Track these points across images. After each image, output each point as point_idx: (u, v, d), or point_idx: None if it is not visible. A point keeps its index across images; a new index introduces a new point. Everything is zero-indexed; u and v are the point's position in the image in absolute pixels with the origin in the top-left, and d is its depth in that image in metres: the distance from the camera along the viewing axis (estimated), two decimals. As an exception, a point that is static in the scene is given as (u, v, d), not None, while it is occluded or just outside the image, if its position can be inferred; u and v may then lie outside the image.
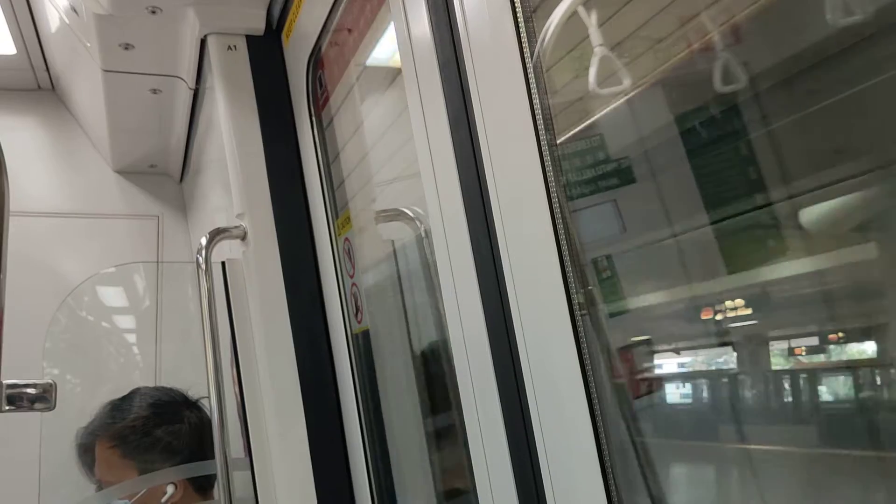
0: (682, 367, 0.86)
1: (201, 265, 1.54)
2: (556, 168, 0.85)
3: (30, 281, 2.22)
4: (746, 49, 0.74)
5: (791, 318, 0.75)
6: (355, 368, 1.50)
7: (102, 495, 1.79)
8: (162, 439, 1.79)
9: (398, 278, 1.50)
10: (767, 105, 0.73)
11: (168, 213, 2.80)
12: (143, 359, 2.36)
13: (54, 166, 2.71)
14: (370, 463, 1.46)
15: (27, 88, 2.72)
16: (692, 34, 0.78)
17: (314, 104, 1.62)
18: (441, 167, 1.04)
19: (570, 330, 0.82)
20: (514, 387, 0.92)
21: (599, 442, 0.81)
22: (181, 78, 2.00)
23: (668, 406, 0.88)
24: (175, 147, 2.51)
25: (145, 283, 2.51)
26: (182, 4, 1.65)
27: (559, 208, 0.84)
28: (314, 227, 1.63)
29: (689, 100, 0.81)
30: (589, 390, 0.81)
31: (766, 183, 0.73)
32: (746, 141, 0.75)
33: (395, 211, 1.41)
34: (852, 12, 0.61)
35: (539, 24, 0.88)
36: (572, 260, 0.83)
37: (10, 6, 2.21)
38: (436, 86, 1.03)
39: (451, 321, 1.04)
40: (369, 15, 1.35)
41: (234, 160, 1.62)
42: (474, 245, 0.98)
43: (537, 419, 0.88)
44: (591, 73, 0.87)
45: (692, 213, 0.81)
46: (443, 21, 1.01)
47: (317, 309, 1.60)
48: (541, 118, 0.86)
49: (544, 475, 0.88)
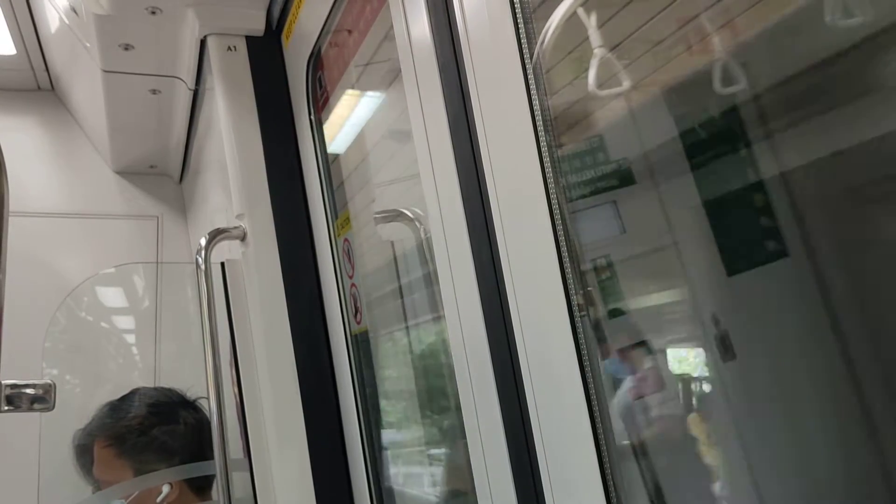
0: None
1: (201, 266, 1.54)
2: (555, 169, 0.85)
3: (29, 281, 2.22)
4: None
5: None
6: (354, 369, 1.50)
7: (100, 496, 1.79)
8: (158, 439, 1.79)
9: (397, 279, 1.50)
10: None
11: (167, 214, 2.79)
12: (142, 359, 2.36)
13: (54, 167, 2.70)
14: (369, 464, 1.46)
15: (27, 89, 2.72)
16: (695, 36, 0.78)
17: (314, 105, 1.62)
18: (441, 168, 1.04)
19: (570, 330, 0.82)
20: (513, 387, 0.92)
21: (598, 442, 0.81)
22: (181, 78, 2.00)
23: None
24: (175, 147, 2.51)
25: (145, 283, 2.51)
26: (182, 5, 1.65)
27: (559, 209, 0.84)
28: (313, 228, 1.63)
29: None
30: (588, 390, 0.81)
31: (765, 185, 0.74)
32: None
33: (394, 212, 1.41)
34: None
35: (539, 26, 0.88)
36: (571, 261, 0.83)
37: (10, 6, 2.21)
38: (435, 87, 1.03)
39: (451, 321, 1.04)
40: (369, 16, 1.35)
41: (233, 161, 1.62)
42: (474, 246, 0.98)
43: (536, 420, 0.88)
44: (591, 74, 0.87)
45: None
46: (442, 22, 1.01)
47: (316, 310, 1.60)
48: (540, 120, 0.86)
49: (543, 476, 0.88)
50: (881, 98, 0.62)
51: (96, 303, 2.37)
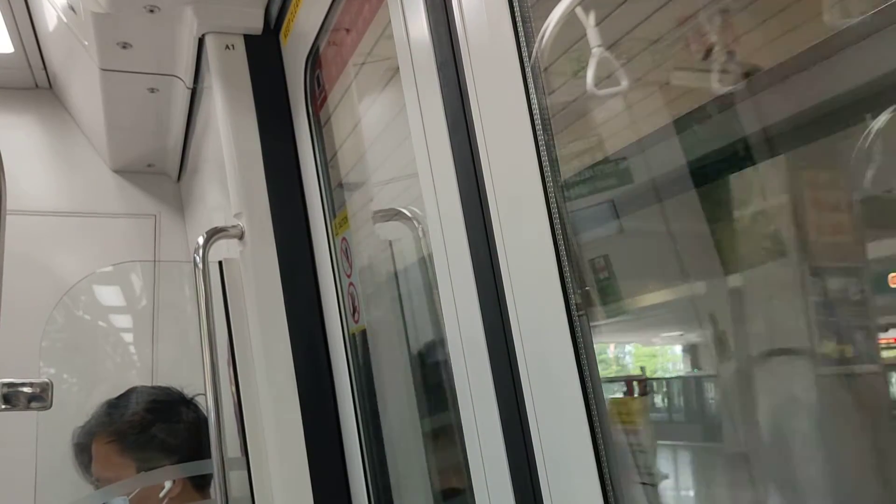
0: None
1: (198, 264, 1.54)
2: (553, 168, 0.85)
3: (27, 280, 2.21)
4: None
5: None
6: (352, 368, 1.50)
7: (99, 494, 1.79)
8: (158, 437, 1.80)
9: (395, 278, 1.50)
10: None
11: (165, 213, 2.79)
12: (139, 358, 2.36)
13: (51, 165, 2.70)
14: (366, 462, 1.46)
15: (24, 87, 2.71)
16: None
17: (312, 103, 1.62)
18: (439, 167, 1.04)
19: (568, 330, 0.82)
20: (510, 386, 0.92)
21: (596, 441, 0.81)
22: (179, 77, 2.00)
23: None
24: (172, 146, 2.51)
25: (142, 282, 2.50)
26: (180, 3, 1.65)
27: (557, 208, 0.84)
28: (311, 227, 1.63)
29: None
30: (586, 390, 0.81)
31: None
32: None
33: (392, 211, 1.41)
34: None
35: (537, 25, 0.88)
36: (570, 259, 0.84)
37: (8, 4, 2.21)
38: (434, 86, 1.03)
39: (449, 321, 1.04)
40: (367, 15, 1.35)
41: (231, 159, 1.62)
42: (472, 245, 0.98)
43: (534, 419, 0.89)
44: (589, 73, 0.87)
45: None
46: (441, 21, 1.01)
47: (314, 308, 1.60)
48: (538, 118, 0.86)
49: (541, 475, 0.88)
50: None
51: (94, 301, 2.36)
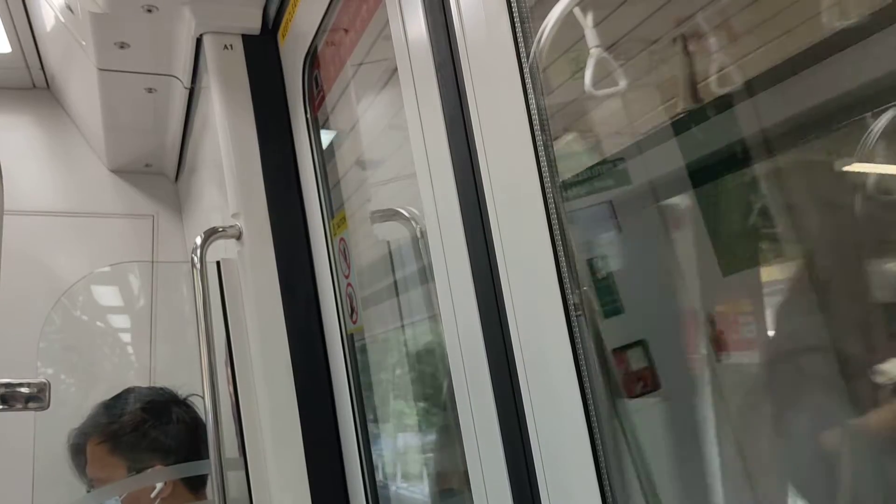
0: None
1: (196, 265, 1.53)
2: (551, 168, 0.85)
3: (24, 280, 2.21)
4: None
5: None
6: (350, 368, 1.50)
7: (95, 494, 1.78)
8: (151, 436, 1.79)
9: (393, 278, 1.50)
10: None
11: (163, 213, 2.79)
12: (137, 358, 2.35)
13: (49, 165, 2.70)
14: (364, 462, 1.46)
15: (22, 87, 2.71)
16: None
17: (310, 104, 1.62)
18: (437, 168, 1.04)
19: (566, 329, 0.82)
20: (508, 386, 0.92)
21: (595, 442, 0.81)
22: (177, 77, 2.00)
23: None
24: (170, 146, 2.51)
25: (140, 282, 2.50)
26: (178, 3, 1.65)
27: (555, 208, 0.84)
28: (309, 227, 1.63)
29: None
30: (584, 390, 0.81)
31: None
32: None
33: (390, 211, 1.41)
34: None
35: (535, 25, 0.88)
36: (567, 260, 0.84)
37: (6, 4, 2.21)
38: (432, 87, 1.03)
39: (447, 321, 1.04)
40: (365, 15, 1.35)
41: (229, 159, 1.62)
42: (470, 245, 0.98)
43: (532, 418, 0.89)
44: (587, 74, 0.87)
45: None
46: (439, 22, 1.01)
47: (312, 309, 1.60)
48: (537, 119, 0.86)
49: (539, 476, 0.88)
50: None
51: (91, 302, 2.36)
